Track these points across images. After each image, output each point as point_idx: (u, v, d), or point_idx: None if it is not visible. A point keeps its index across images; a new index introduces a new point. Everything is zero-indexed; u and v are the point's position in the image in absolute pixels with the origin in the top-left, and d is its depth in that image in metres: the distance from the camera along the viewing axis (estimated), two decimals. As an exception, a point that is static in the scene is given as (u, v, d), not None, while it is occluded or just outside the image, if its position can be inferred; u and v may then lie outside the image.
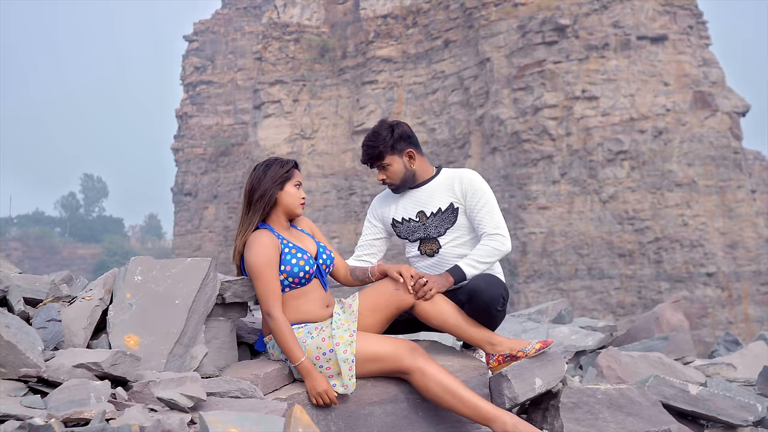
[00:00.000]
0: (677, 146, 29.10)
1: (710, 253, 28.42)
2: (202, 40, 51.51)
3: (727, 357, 6.00)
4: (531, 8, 31.51)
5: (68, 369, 2.82)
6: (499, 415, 3.50)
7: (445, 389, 3.52)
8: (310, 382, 3.52)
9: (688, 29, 30.77)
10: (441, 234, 4.11)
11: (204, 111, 50.26)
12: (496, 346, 3.77)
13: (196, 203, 49.08)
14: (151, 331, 3.31)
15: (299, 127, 38.06)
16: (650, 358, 4.81)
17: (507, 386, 3.64)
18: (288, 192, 3.87)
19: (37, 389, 2.79)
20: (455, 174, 4.19)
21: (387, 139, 4.08)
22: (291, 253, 3.75)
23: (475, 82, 32.75)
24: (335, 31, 39.82)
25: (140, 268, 3.50)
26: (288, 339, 3.57)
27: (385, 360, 3.60)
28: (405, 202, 4.22)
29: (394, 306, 3.77)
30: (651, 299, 28.34)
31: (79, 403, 2.54)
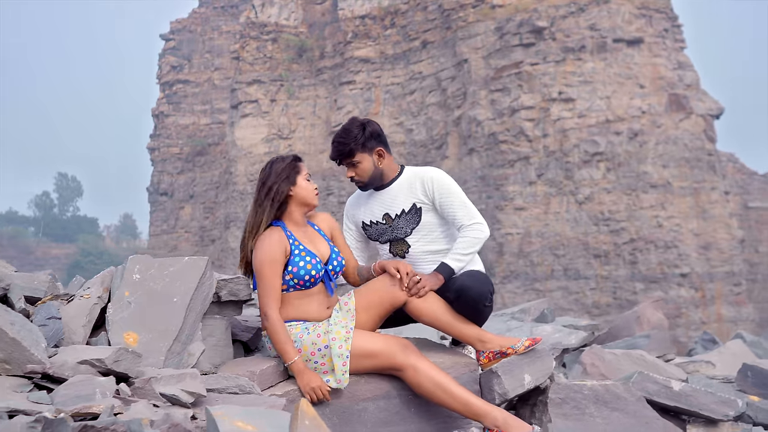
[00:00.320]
0: (652, 148, 29.37)
1: (684, 254, 28.71)
2: (179, 39, 51.31)
3: (706, 355, 6.14)
4: (508, 10, 31.69)
5: (72, 365, 2.88)
6: (489, 410, 3.58)
7: (437, 385, 3.60)
8: (304, 378, 3.58)
9: (663, 32, 31.07)
10: (408, 234, 4.19)
11: (180, 110, 50.05)
12: (486, 344, 3.85)
13: (172, 203, 48.87)
14: (149, 328, 3.37)
15: (277, 127, 38.04)
16: (633, 356, 4.92)
17: (497, 382, 3.73)
18: (300, 185, 3.93)
19: (42, 385, 2.84)
20: (417, 174, 4.25)
21: (358, 137, 4.13)
22: (300, 255, 3.80)
23: (453, 83, 32.88)
24: (313, 31, 39.83)
25: (138, 267, 3.56)
26: (281, 339, 3.63)
27: (378, 356, 3.67)
28: (372, 205, 4.29)
29: (388, 303, 3.85)
30: (626, 300, 28.60)
31: (86, 399, 2.59)
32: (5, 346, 2.82)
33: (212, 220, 45.59)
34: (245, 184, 38.12)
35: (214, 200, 46.12)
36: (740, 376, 4.92)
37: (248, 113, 38.42)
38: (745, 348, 6.21)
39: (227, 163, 40.54)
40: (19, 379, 2.85)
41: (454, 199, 4.12)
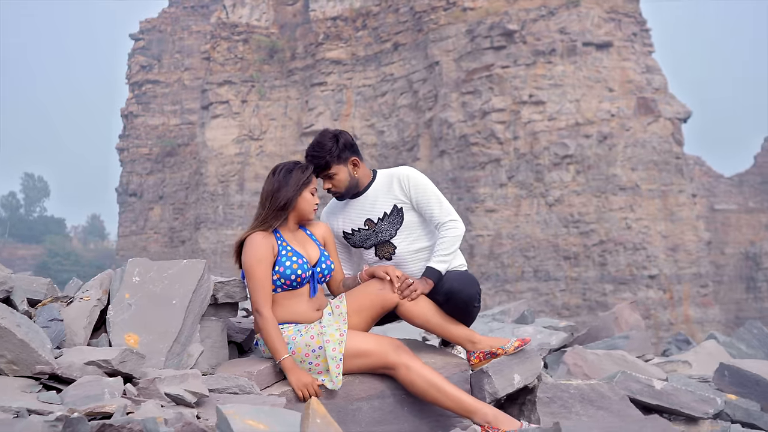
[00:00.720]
0: (621, 151, 29.69)
1: (652, 255, 29.06)
2: (149, 39, 51.00)
3: (683, 355, 6.29)
4: (479, 13, 31.88)
5: (80, 366, 2.93)
6: (480, 407, 3.68)
7: (429, 383, 3.69)
8: (295, 375, 3.65)
9: (632, 36, 31.44)
10: (393, 236, 4.25)
11: (150, 110, 49.76)
12: (477, 344, 3.95)
13: (141, 204, 48.56)
14: (150, 330, 3.43)
15: (247, 128, 37.97)
16: (614, 356, 5.05)
17: (488, 382, 3.82)
18: (304, 198, 4.00)
19: (50, 385, 2.88)
20: (391, 174, 4.32)
21: (333, 150, 4.16)
22: (287, 255, 3.88)
23: (424, 86, 33.02)
24: (284, 32, 39.81)
25: (138, 270, 3.61)
26: (273, 336, 3.71)
27: (371, 356, 3.76)
28: (350, 213, 4.33)
29: (379, 306, 3.93)
30: (595, 301, 28.90)
31: (95, 399, 2.65)
32: (13, 348, 2.87)
33: (182, 221, 45.36)
34: (216, 185, 38.00)
35: (184, 201, 45.90)
36: (717, 376, 5.06)
37: (219, 114, 38.31)
38: (720, 348, 6.37)
39: (197, 164, 40.39)
40: (27, 379, 2.90)
41: (430, 196, 4.20)
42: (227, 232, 37.56)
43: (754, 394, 4.81)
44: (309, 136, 36.12)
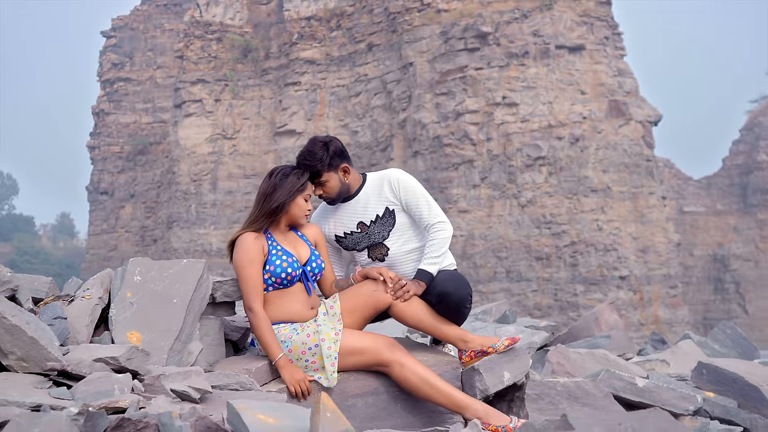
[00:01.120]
0: (593, 153, 29.99)
1: (623, 257, 29.39)
2: (120, 36, 50.64)
3: (660, 354, 6.45)
4: (454, 15, 32.04)
5: (89, 363, 3.00)
6: (471, 403, 3.81)
7: (422, 380, 3.81)
8: (288, 372, 3.76)
9: (604, 40, 31.75)
10: (385, 238, 4.36)
11: (122, 108, 49.43)
12: (468, 343, 4.07)
13: (112, 202, 48.24)
14: (152, 328, 3.51)
15: (221, 127, 37.87)
16: (596, 355, 5.19)
17: (479, 379, 3.94)
18: (297, 204, 4.11)
19: (59, 382, 2.95)
20: (381, 177, 4.43)
21: (324, 158, 4.25)
22: (277, 255, 3.98)
23: (398, 86, 33.13)
24: (258, 32, 39.75)
25: (139, 269, 3.69)
26: (266, 333, 3.82)
27: (365, 353, 3.87)
28: (342, 217, 4.43)
29: (372, 306, 4.03)
30: (566, 301, 29.18)
31: (105, 394, 2.72)
32: (23, 345, 2.93)
33: (154, 220, 45.15)
34: (188, 183, 37.87)
35: (156, 200, 45.69)
36: (696, 374, 5.22)
37: (192, 113, 38.18)
38: (695, 348, 6.53)
39: (170, 163, 40.22)
40: (35, 376, 2.96)
41: (419, 198, 4.32)
42: (200, 231, 37.46)
43: (731, 392, 4.97)
44: (283, 135, 36.14)
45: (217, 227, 37.33)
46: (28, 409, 2.56)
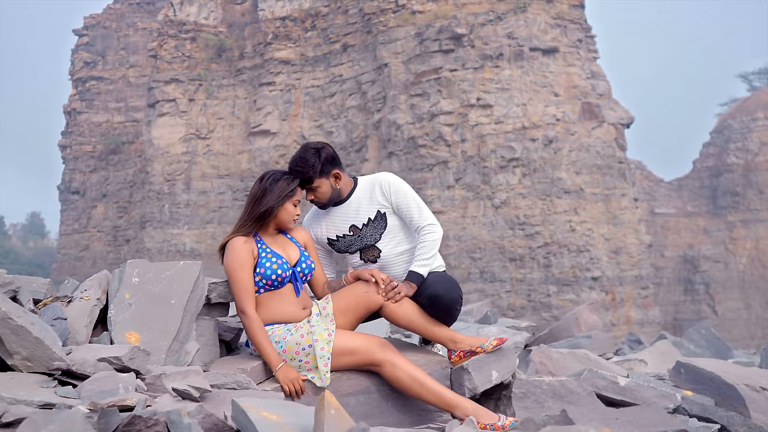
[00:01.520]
0: (566, 155, 30.25)
1: (596, 258, 29.67)
2: (93, 35, 50.29)
3: (639, 354, 6.59)
4: (428, 16, 32.17)
5: (93, 362, 3.06)
6: (460, 401, 3.92)
7: (413, 379, 3.91)
8: (282, 371, 3.86)
9: (577, 42, 32.03)
10: (377, 240, 4.46)
11: (94, 107, 49.09)
12: (458, 343, 4.18)
13: (84, 202, 47.91)
14: (150, 328, 3.57)
15: (195, 127, 37.75)
16: (578, 355, 5.31)
17: (467, 378, 4.04)
18: (286, 209, 4.19)
19: (63, 381, 3.01)
20: (372, 181, 4.53)
21: (315, 165, 4.34)
22: (267, 257, 4.07)
23: (373, 87, 33.21)
24: (233, 31, 39.66)
25: (137, 271, 3.76)
26: (259, 335, 3.91)
27: (358, 353, 3.97)
28: (334, 220, 4.53)
29: (364, 307, 4.13)
30: (540, 302, 29.42)
31: (110, 393, 2.78)
32: (28, 345, 2.99)
33: (127, 220, 44.92)
34: (162, 183, 37.72)
35: (129, 200, 45.45)
36: (674, 373, 5.35)
37: (165, 112, 38.03)
38: (672, 348, 6.68)
39: (143, 163, 40.04)
40: (40, 375, 3.02)
41: (409, 201, 4.42)
42: (173, 231, 37.32)
43: (708, 390, 5.10)
44: (257, 135, 36.12)
45: (190, 227, 37.22)
46: (36, 407, 2.63)
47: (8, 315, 2.94)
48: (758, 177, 44.27)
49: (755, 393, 5.01)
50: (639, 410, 2.75)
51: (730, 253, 44.03)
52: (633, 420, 2.68)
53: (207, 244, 36.78)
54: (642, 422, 2.67)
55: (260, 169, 36.10)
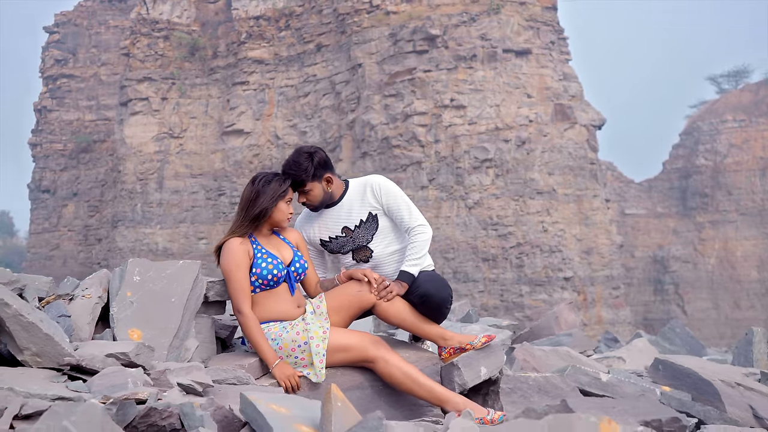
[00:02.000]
0: (539, 156, 30.51)
1: (567, 258, 29.95)
2: (64, 32, 49.88)
3: (617, 351, 6.75)
4: (402, 17, 32.30)
5: (101, 358, 3.15)
6: (451, 396, 4.05)
7: (405, 375, 4.05)
8: (279, 368, 3.97)
9: (550, 44, 32.31)
10: (369, 241, 4.60)
11: (65, 105, 48.69)
12: (448, 341, 4.32)
13: (54, 201, 47.51)
14: (151, 325, 3.67)
15: (167, 126, 37.62)
16: (560, 352, 5.45)
17: (457, 374, 4.17)
18: (279, 208, 4.31)
19: (73, 376, 3.10)
20: (364, 184, 4.66)
21: (308, 169, 4.47)
22: (262, 258, 4.19)
23: (347, 87, 33.30)
24: (206, 30, 39.55)
25: (138, 269, 3.86)
26: (256, 334, 4.03)
27: (352, 350, 4.10)
28: (327, 222, 4.66)
29: (357, 306, 4.27)
30: (512, 302, 29.65)
31: (120, 387, 2.88)
32: (38, 341, 3.07)
33: (98, 219, 44.61)
34: (134, 182, 37.54)
35: (100, 198, 45.15)
36: (653, 369, 5.51)
37: (138, 111, 37.85)
38: (649, 345, 6.85)
39: (115, 161, 39.82)
40: (49, 371, 3.10)
41: (400, 203, 4.56)
42: (145, 231, 37.16)
43: (685, 386, 5.26)
44: (230, 135, 36.07)
45: (163, 227, 37.08)
46: (50, 401, 2.71)
47: (19, 312, 3.02)
48: (727, 179, 44.89)
49: (730, 388, 5.17)
50: (634, 400, 2.90)
51: (699, 254, 44.62)
52: (629, 409, 2.83)
53: (180, 244, 36.68)
54: (637, 411, 2.82)
55: (233, 168, 36.08)
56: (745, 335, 7.25)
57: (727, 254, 44.25)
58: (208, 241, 36.39)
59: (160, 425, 2.61)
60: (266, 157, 35.44)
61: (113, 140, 41.99)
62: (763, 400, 5.17)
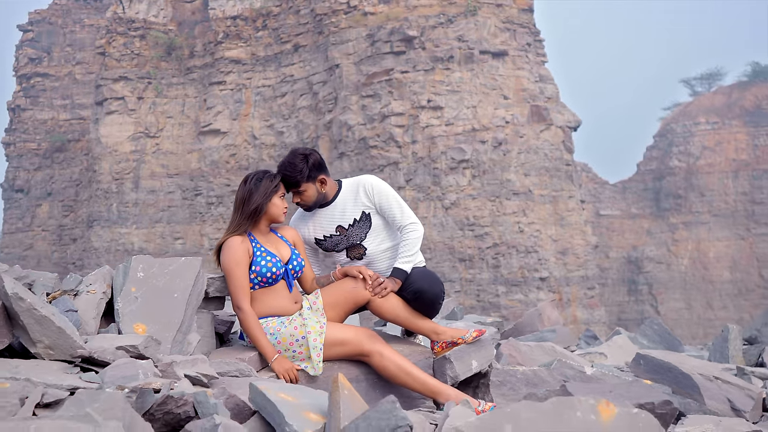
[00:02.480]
0: (515, 157, 30.76)
1: (543, 258, 30.23)
2: (38, 31, 49.54)
3: (598, 347, 6.93)
4: (380, 18, 32.43)
5: (112, 350, 3.26)
6: (443, 389, 4.20)
7: (400, 368, 4.19)
8: (277, 362, 4.11)
9: (526, 46, 32.57)
10: (363, 239, 4.75)
11: (39, 104, 48.37)
12: (440, 335, 4.46)
13: (28, 200, 47.18)
14: (155, 320, 3.79)
15: (144, 125, 37.50)
16: (544, 347, 5.60)
17: (449, 367, 4.31)
18: (274, 203, 4.44)
19: (84, 367, 3.20)
20: (356, 184, 4.81)
21: (303, 170, 4.59)
22: (262, 256, 4.33)
23: (324, 88, 33.38)
24: (183, 30, 39.46)
25: (142, 266, 3.99)
26: (255, 329, 4.17)
27: (348, 344, 4.24)
28: (321, 221, 4.79)
29: (352, 302, 4.42)
30: (489, 302, 29.87)
31: (131, 378, 2.99)
32: (51, 334, 3.18)
33: (73, 219, 44.35)
34: (110, 182, 37.38)
35: (75, 198, 44.88)
36: (634, 364, 5.67)
37: (114, 110, 37.71)
38: (628, 342, 7.04)
39: (90, 161, 39.62)
40: (61, 363, 3.21)
41: (392, 202, 4.71)
42: (121, 231, 37.02)
43: (666, 380, 5.42)
44: (207, 135, 36.03)
45: (139, 227, 36.95)
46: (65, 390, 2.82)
47: (33, 306, 3.12)
48: (700, 180, 45.44)
49: (709, 382, 5.34)
50: (627, 385, 3.07)
51: (672, 255, 45.13)
52: (623, 393, 3.00)
53: (156, 244, 36.57)
54: (631, 395, 2.99)
55: (210, 168, 36.04)
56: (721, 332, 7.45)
57: (699, 255, 44.80)
58: (184, 241, 36.34)
59: (175, 413, 2.73)
60: (243, 157, 35.45)
61: (88, 139, 41.77)
62: (740, 393, 5.34)
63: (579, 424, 2.27)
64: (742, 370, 6.29)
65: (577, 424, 2.27)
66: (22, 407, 2.57)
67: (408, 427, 2.45)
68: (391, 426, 2.41)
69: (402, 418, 2.45)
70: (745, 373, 6.20)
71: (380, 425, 2.41)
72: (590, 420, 2.28)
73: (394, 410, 2.48)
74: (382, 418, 2.43)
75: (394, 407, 2.50)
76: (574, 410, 2.28)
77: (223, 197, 35.93)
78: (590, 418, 2.28)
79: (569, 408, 2.28)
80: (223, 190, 35.75)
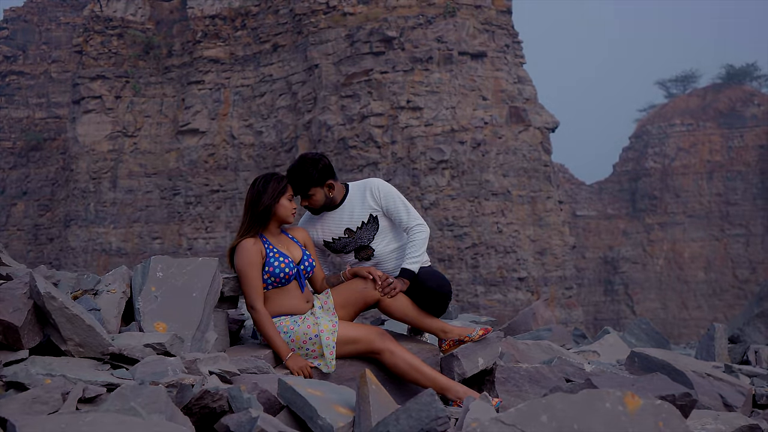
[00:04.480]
0: (494, 158, 30.96)
1: (522, 259, 30.45)
2: (13, 29, 49.16)
3: (591, 346, 7.08)
4: (359, 18, 32.51)
5: (140, 348, 3.35)
6: (452, 385, 4.36)
7: (410, 365, 4.34)
8: (291, 359, 4.24)
9: (504, 48, 32.77)
10: (371, 240, 4.88)
11: (14, 103, 48.00)
12: (448, 333, 4.61)
13: (3, 199, 46.81)
14: (175, 319, 3.89)
15: (121, 125, 37.34)
16: (542, 345, 5.74)
17: (457, 364, 4.44)
18: (282, 205, 4.55)
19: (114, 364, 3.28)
20: (363, 187, 4.94)
21: (313, 175, 4.72)
22: (274, 257, 4.45)
23: (303, 88, 33.41)
24: (161, 29, 39.32)
25: (160, 266, 4.09)
26: (269, 329, 4.30)
27: (360, 342, 4.38)
28: (329, 224, 4.91)
29: (362, 301, 4.55)
30: (468, 302, 30.05)
31: (161, 375, 3.08)
32: (81, 332, 3.26)
33: (49, 218, 44.06)
34: (87, 182, 37.18)
35: (51, 197, 44.59)
36: (628, 361, 5.80)
37: (91, 109, 37.50)
38: (619, 340, 7.20)
39: (67, 160, 39.41)
40: (90, 360, 3.29)
41: (398, 204, 4.85)
42: (98, 230, 36.84)
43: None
44: (185, 134, 35.94)
45: (116, 226, 36.79)
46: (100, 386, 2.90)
47: (64, 305, 3.20)
48: (675, 181, 45.95)
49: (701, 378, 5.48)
50: (648, 378, 3.22)
51: (648, 255, 45.60)
52: (645, 385, 3.16)
53: (134, 243, 36.44)
54: (653, 387, 3.15)
55: (188, 168, 35.95)
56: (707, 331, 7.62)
57: (675, 255, 45.29)
58: (162, 240, 36.23)
59: (211, 407, 2.82)
60: (222, 156, 35.41)
61: (65, 138, 41.54)
62: (731, 389, 5.50)
63: (608, 414, 2.46)
64: (730, 367, 6.45)
65: (605, 414, 2.46)
66: (65, 402, 2.65)
67: (447, 417, 2.58)
68: (431, 417, 2.54)
69: (441, 409, 2.58)
70: (732, 370, 6.36)
71: (420, 416, 2.54)
72: (618, 410, 2.45)
73: (433, 402, 2.60)
74: (422, 410, 2.55)
75: (433, 399, 2.62)
76: (603, 401, 2.44)
77: (201, 197, 35.87)
78: (618, 408, 2.45)
79: (599, 399, 2.44)
80: (201, 189, 35.70)
